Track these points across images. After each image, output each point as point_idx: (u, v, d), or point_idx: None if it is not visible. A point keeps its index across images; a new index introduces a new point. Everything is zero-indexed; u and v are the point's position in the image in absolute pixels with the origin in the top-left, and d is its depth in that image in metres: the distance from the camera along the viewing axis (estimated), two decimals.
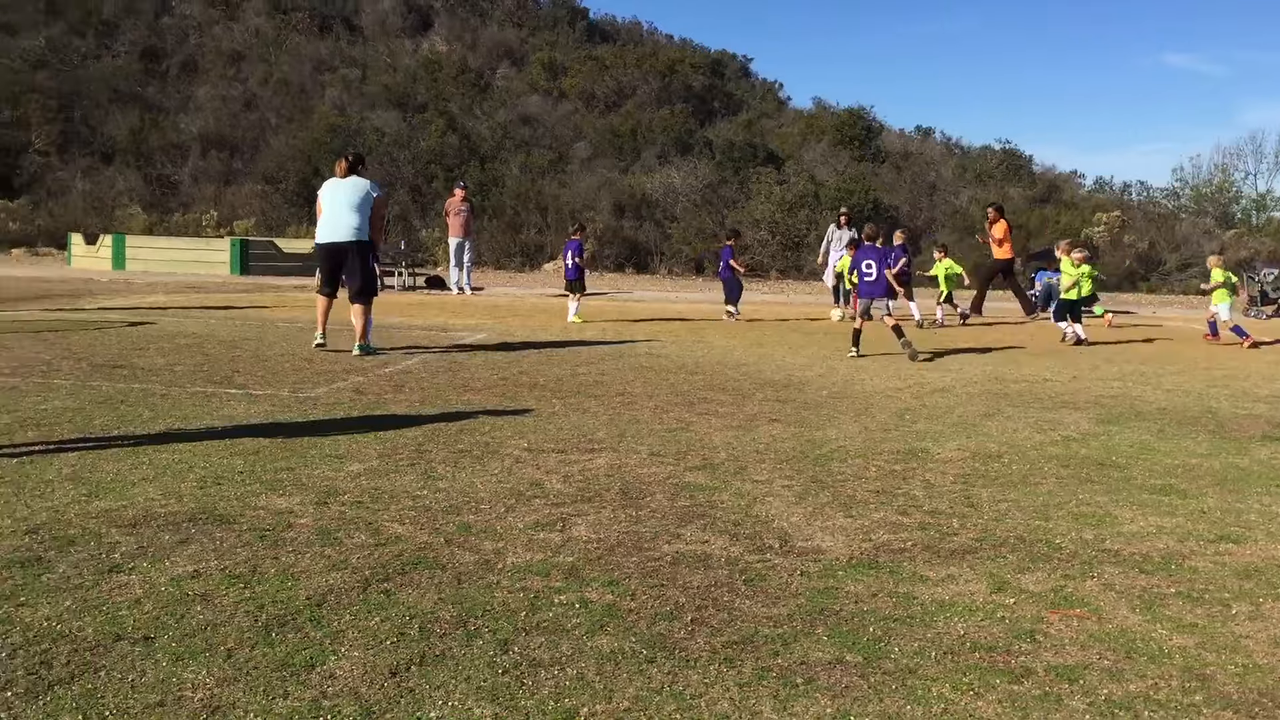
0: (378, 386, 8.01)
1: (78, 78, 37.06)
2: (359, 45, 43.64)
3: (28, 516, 4.20)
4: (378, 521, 4.35)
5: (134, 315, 13.07)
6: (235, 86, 39.44)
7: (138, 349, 9.68)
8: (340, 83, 40.12)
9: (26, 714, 2.56)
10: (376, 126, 36.07)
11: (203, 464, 5.23)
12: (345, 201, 10.22)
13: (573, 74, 42.12)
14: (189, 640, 3.04)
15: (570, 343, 11.64)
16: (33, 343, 9.85)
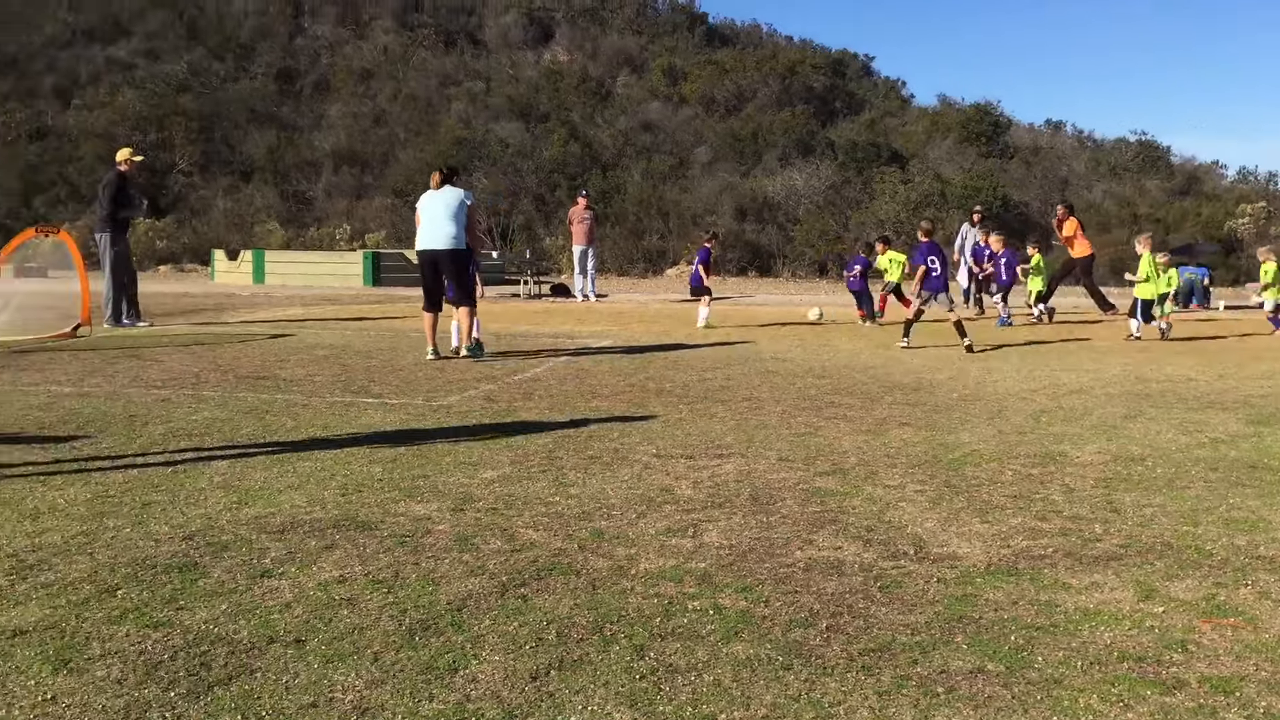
0: (508, 394, 8.15)
1: (217, 100, 38.63)
2: (483, 58, 44.49)
3: (183, 523, 4.40)
4: (512, 528, 4.42)
5: (275, 328, 13.56)
6: (365, 103, 40.60)
7: (279, 360, 10.03)
8: (465, 96, 40.97)
9: (189, 714, 2.69)
10: (500, 137, 36.72)
11: (344, 472, 5.40)
12: (442, 212, 10.46)
13: (692, 79, 42.22)
14: (338, 643, 3.14)
15: (695, 348, 11.66)
16: (182, 356, 10.30)
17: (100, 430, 6.39)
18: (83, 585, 3.62)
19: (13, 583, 3.63)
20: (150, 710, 2.69)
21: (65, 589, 3.58)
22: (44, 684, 2.83)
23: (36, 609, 3.39)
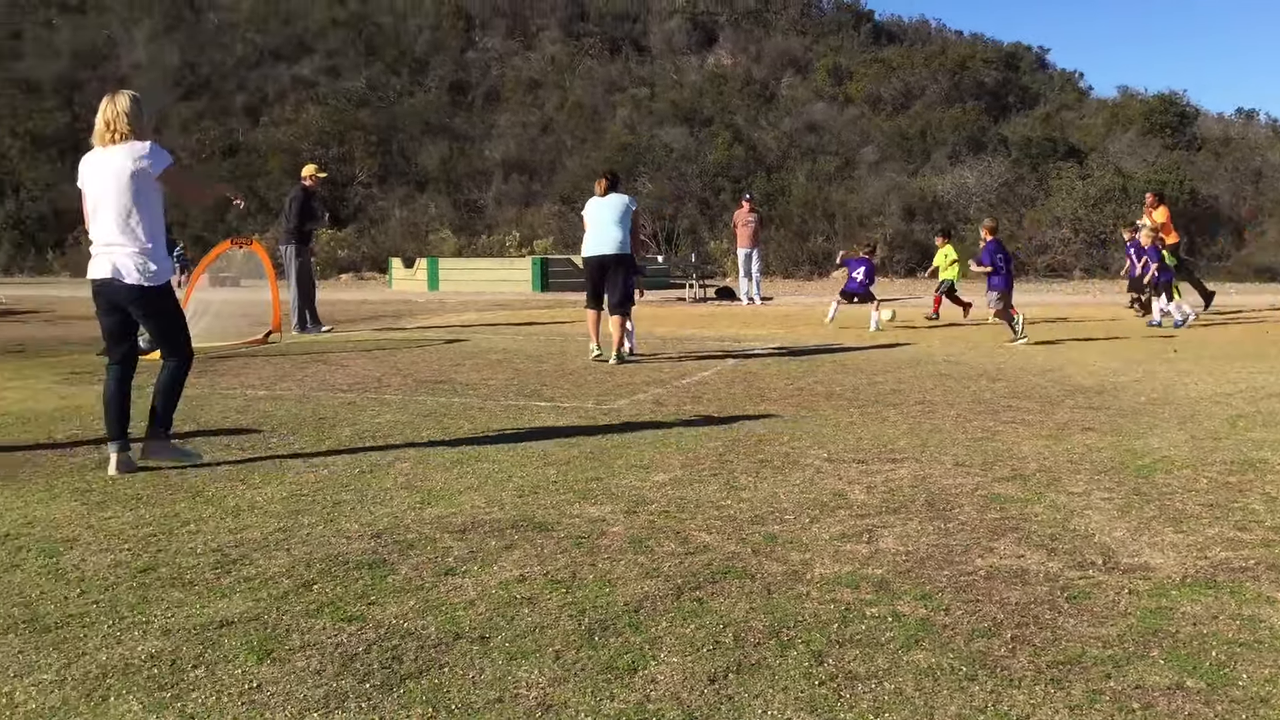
0: (676, 398, 8.19)
1: (394, 113, 40.08)
2: (647, 64, 44.89)
3: (371, 522, 4.58)
4: (685, 530, 4.45)
5: (450, 333, 13.98)
6: (533, 112, 41.49)
7: (455, 365, 10.34)
8: (630, 102, 41.42)
9: (384, 705, 2.80)
10: (665, 142, 36.98)
11: (520, 474, 5.52)
12: (609, 217, 10.60)
13: (858, 78, 41.65)
14: (520, 641, 3.22)
15: (864, 351, 11.50)
16: (365, 361, 10.73)
17: (292, 432, 6.71)
18: (281, 579, 3.80)
19: (218, 576, 3.85)
20: (348, 700, 2.82)
21: (266, 583, 3.77)
22: (250, 673, 2.99)
23: (240, 601, 3.58)
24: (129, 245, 5.51)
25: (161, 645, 3.18)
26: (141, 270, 5.52)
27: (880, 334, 13.49)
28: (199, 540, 4.29)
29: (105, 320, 5.68)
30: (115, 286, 5.52)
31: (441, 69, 43.87)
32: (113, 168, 5.49)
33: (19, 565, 3.96)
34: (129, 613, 3.46)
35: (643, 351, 11.33)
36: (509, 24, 46.80)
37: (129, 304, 5.57)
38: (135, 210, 5.50)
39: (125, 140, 5.50)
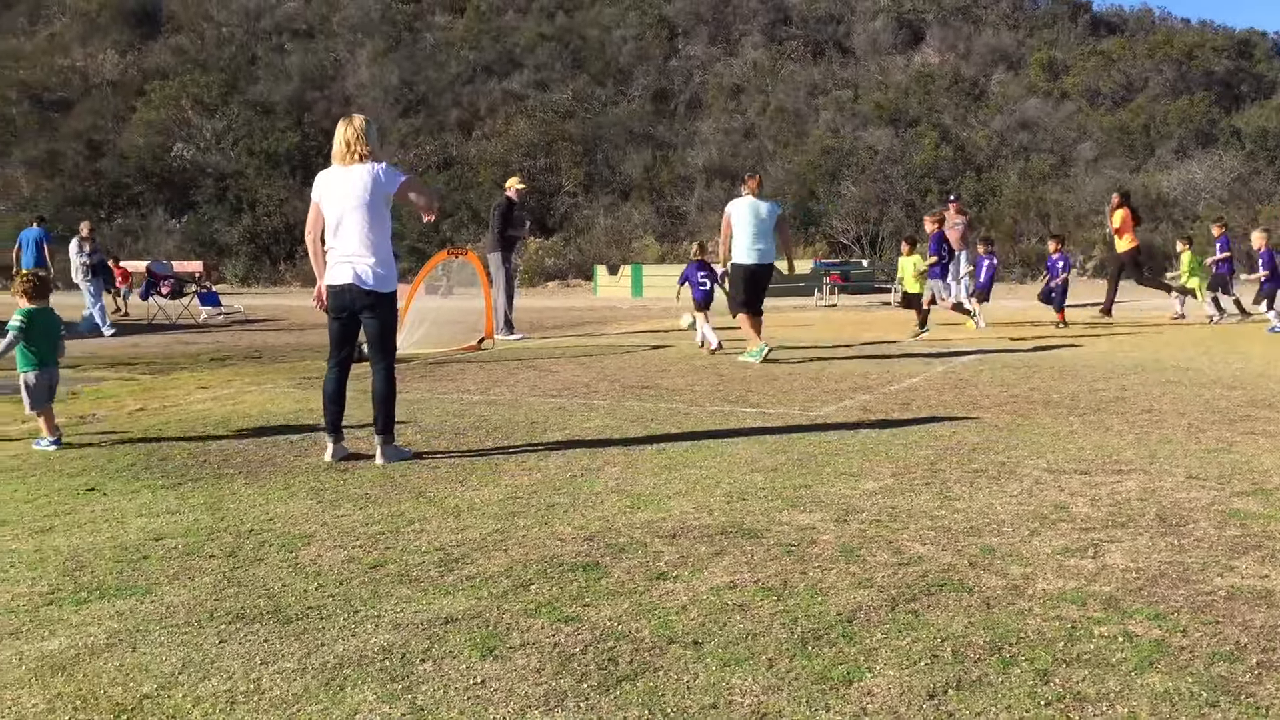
0: (884, 404, 8.04)
1: (598, 123, 40.87)
2: (850, 66, 44.29)
3: (584, 525, 4.68)
4: (898, 541, 4.36)
5: (654, 339, 14.14)
6: (735, 118, 41.54)
7: (661, 370, 10.46)
8: (833, 105, 40.95)
9: (601, 705, 2.85)
10: (869, 144, 36.40)
11: (728, 480, 5.54)
12: (770, 225, 10.63)
13: (1075, 72, 39.95)
14: (733, 647, 3.23)
15: (1083, 355, 11.01)
16: (573, 366, 10.97)
17: (506, 436, 6.93)
18: (501, 579, 3.93)
19: (442, 574, 4.01)
20: (566, 699, 2.88)
21: (486, 582, 3.90)
22: (474, 668, 3.10)
23: (463, 599, 3.72)
24: (368, 256, 6.03)
25: (392, 639, 3.34)
26: (378, 278, 6.04)
27: (1098, 337, 12.88)
28: (423, 539, 4.48)
29: (335, 324, 6.23)
30: (355, 291, 6.03)
31: (645, 78, 44.46)
32: (355, 185, 5.97)
33: (262, 559, 4.23)
34: (362, 606, 3.65)
35: (847, 354, 11.18)
36: (711, 31, 47.02)
37: (363, 307, 6.06)
38: (374, 224, 6.03)
39: (365, 160, 5.94)
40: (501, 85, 44.71)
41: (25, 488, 5.57)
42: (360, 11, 48.66)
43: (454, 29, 48.41)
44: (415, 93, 44.35)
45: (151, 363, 11.75)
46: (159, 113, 42.20)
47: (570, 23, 48.41)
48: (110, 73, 45.62)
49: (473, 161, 39.93)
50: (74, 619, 3.56)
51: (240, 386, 9.56)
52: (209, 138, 41.33)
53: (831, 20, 47.61)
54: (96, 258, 16.26)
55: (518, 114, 41.83)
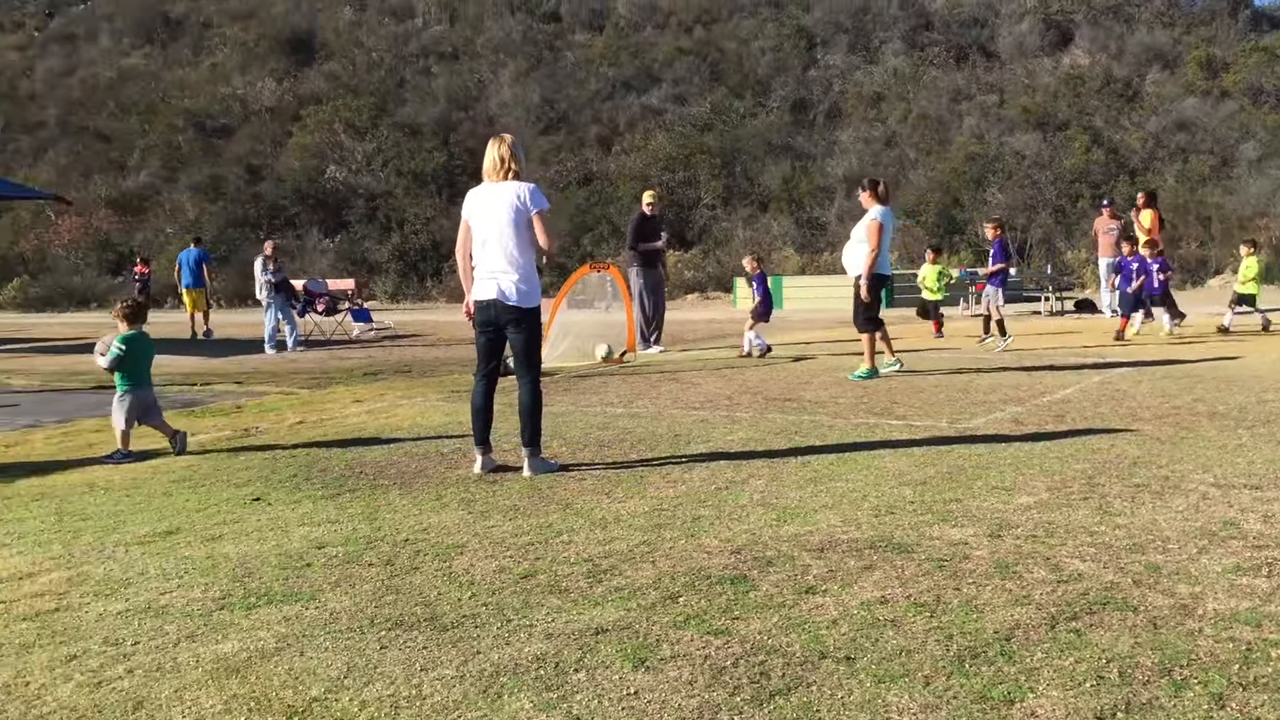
0: (1037, 417, 7.82)
1: (737, 135, 40.82)
2: (995, 70, 43.24)
3: (730, 538, 4.67)
4: (1056, 557, 4.23)
5: (795, 350, 14.03)
6: (875, 127, 40.98)
7: (803, 383, 10.37)
8: (977, 110, 40.04)
9: (755, 719, 2.84)
10: (1015, 150, 35.47)
11: (875, 493, 5.46)
12: (856, 236, 10.42)
13: (1235, 69, 38.19)
14: (887, 664, 3.18)
15: (1248, 365, 10.49)
16: (715, 379, 10.97)
17: (650, 448, 6.97)
18: (649, 590, 3.96)
19: (591, 585, 4.05)
20: (720, 713, 2.88)
21: (635, 593, 3.93)
22: (627, 679, 3.13)
23: (613, 610, 3.75)
24: (512, 272, 6.17)
25: (545, 648, 3.39)
26: (521, 294, 6.18)
27: (1270, 344, 12.26)
28: (571, 550, 4.54)
29: (481, 338, 6.39)
30: (499, 306, 6.18)
31: (783, 89, 44.23)
32: (503, 203, 6.13)
33: (418, 568, 4.35)
34: (514, 616, 3.72)
35: (995, 366, 10.89)
36: (850, 39, 46.51)
37: (508, 322, 6.20)
38: (519, 242, 6.16)
39: (515, 178, 6.09)
40: (640, 100, 45.07)
41: (196, 497, 5.85)
42: (503, 33, 49.73)
43: (593, 46, 49.05)
44: (556, 110, 45.07)
45: (309, 377, 12.21)
46: (313, 137, 43.86)
47: (708, 36, 48.52)
48: (268, 100, 47.63)
49: (612, 176, 40.34)
50: (245, 623, 3.72)
51: (392, 400, 9.85)
52: (360, 159, 42.75)
53: (975, 24, 46.57)
54: (279, 276, 16.93)
55: (656, 128, 42.10)
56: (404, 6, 54.18)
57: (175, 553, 4.67)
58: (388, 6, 54.17)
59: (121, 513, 5.51)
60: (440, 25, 52.65)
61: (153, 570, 4.41)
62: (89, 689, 3.18)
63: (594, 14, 51.74)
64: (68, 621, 3.80)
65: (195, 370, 13.43)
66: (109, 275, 38.92)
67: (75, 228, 40.20)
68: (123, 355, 7.27)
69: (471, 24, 51.73)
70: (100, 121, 47.74)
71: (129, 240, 40.02)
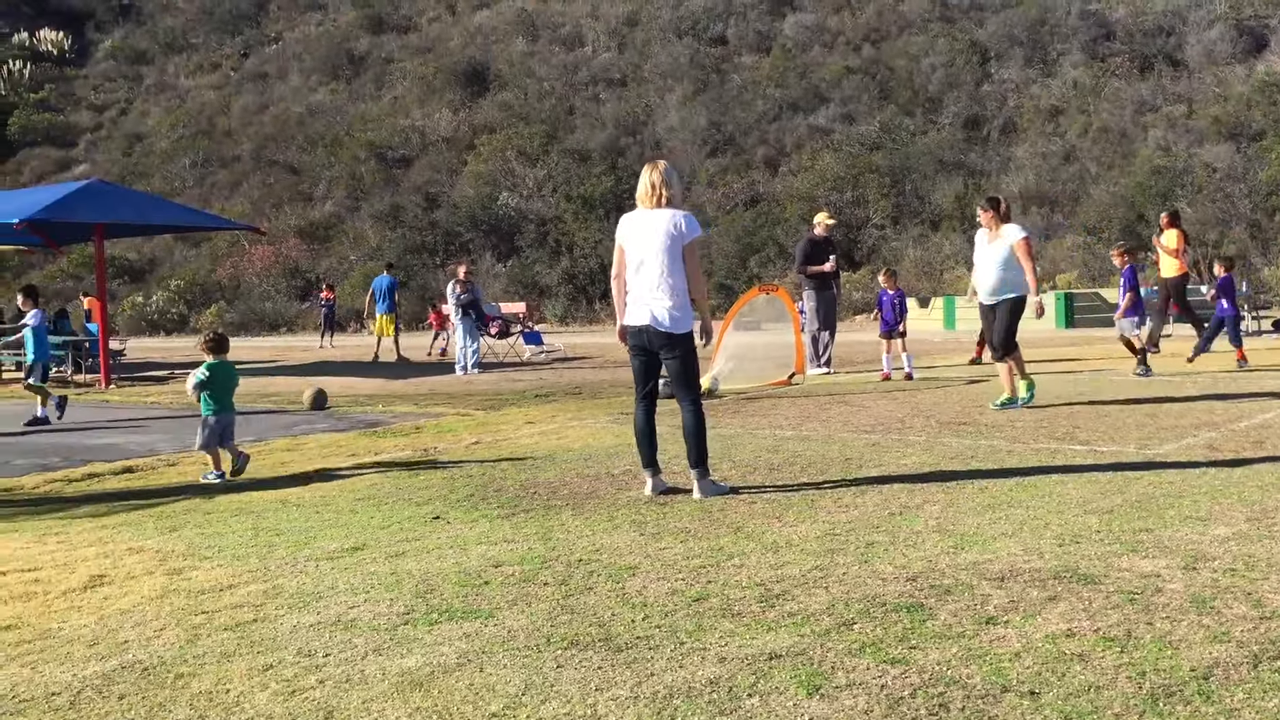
0: (1234, 442, 7.41)
1: (907, 154, 40.14)
2: (1183, 79, 41.35)
3: (905, 564, 4.58)
4: (1258, 592, 3.99)
5: (970, 373, 13.67)
6: (1054, 141, 39.70)
7: (978, 406, 10.10)
8: (1163, 121, 38.36)
9: None
10: (1206, 162, 33.80)
11: (1058, 521, 5.26)
12: (995, 257, 9.81)
13: None
14: (1074, 700, 3.06)
15: None
16: (886, 401, 10.79)
17: (820, 472, 6.90)
18: (823, 617, 3.91)
19: (764, 609, 4.03)
20: None
21: (808, 619, 3.89)
22: (800, 706, 3.10)
23: (786, 635, 3.72)
24: (666, 297, 6.20)
25: (718, 671, 3.39)
26: (673, 319, 6.21)
27: None
28: (743, 574, 4.53)
29: (636, 361, 6.46)
30: (651, 332, 6.24)
31: (955, 105, 43.30)
32: (658, 229, 6.19)
33: (591, 588, 4.41)
34: (687, 638, 3.72)
35: (1187, 390, 10.37)
36: (1027, 52, 45.21)
37: (660, 347, 6.25)
38: (672, 267, 6.20)
39: (669, 205, 6.15)
40: (807, 121, 44.82)
41: (380, 515, 6.08)
42: (670, 58, 50.24)
43: (760, 68, 49.06)
44: (723, 133, 45.23)
45: (484, 399, 12.54)
46: (486, 165, 45.21)
47: (877, 54, 47.95)
48: (444, 130, 49.31)
49: (779, 197, 40.20)
50: (427, 638, 3.84)
51: (563, 421, 10.03)
52: (531, 186, 43.82)
53: (1160, 33, 44.65)
54: (467, 298, 17.45)
55: (824, 148, 41.79)
56: (574, 36, 55.37)
57: (362, 568, 4.86)
58: (559, 36, 55.45)
59: (312, 529, 5.77)
60: (609, 52, 53.57)
61: (342, 584, 4.60)
62: (283, 698, 3.33)
63: (760, 36, 51.78)
64: (264, 632, 3.99)
65: (376, 392, 13.97)
66: (297, 300, 40.93)
67: (267, 256, 42.39)
68: (205, 380, 7.65)
69: (640, 50, 52.46)
70: (290, 155, 50.32)
71: (315, 267, 42.00)
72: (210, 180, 50.27)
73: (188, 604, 4.41)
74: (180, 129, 54.50)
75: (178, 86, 60.95)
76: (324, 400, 12.04)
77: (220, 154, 52.04)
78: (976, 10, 48.81)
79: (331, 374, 17.01)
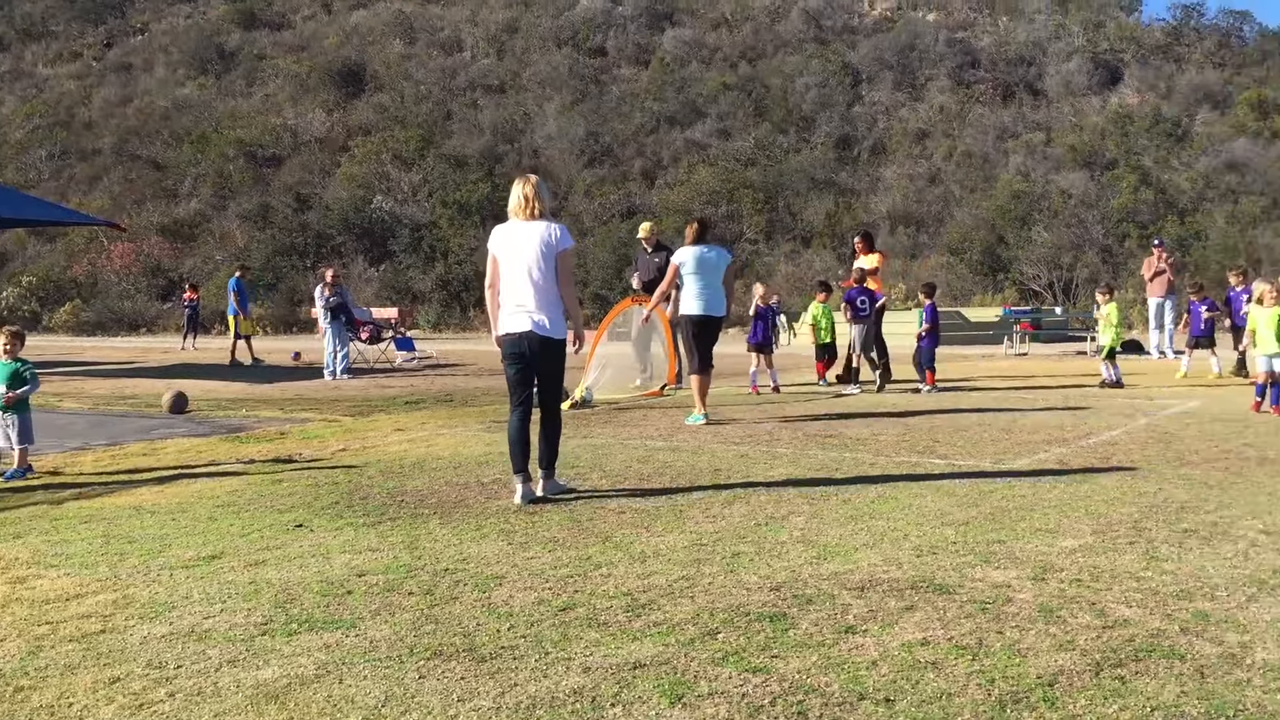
0: (1082, 458, 7.73)
1: (780, 170, 40.93)
2: (1042, 108, 43.13)
3: (770, 574, 4.65)
4: (1101, 602, 4.17)
5: (838, 388, 13.97)
6: (920, 164, 40.95)
7: (843, 419, 10.32)
8: (1023, 148, 39.92)
9: None
10: (1062, 188, 35.28)
11: (916, 533, 5.41)
12: (717, 274, 10.14)
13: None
14: (926, 707, 3.14)
15: None
16: (756, 414, 10.93)
17: (690, 482, 6.96)
18: (687, 626, 3.94)
19: (629, 619, 4.04)
20: None
21: (673, 629, 3.92)
22: (663, 715, 3.11)
23: (650, 645, 3.74)
24: (543, 305, 6.39)
25: (582, 681, 3.38)
26: (552, 325, 6.40)
27: None
28: (610, 584, 4.54)
29: (512, 370, 6.57)
30: (532, 338, 6.38)
31: (828, 125, 44.33)
32: (533, 240, 6.34)
33: (457, 598, 4.36)
34: (552, 648, 3.71)
35: (1040, 405, 10.78)
36: (896, 76, 46.59)
37: (537, 352, 6.41)
38: (548, 277, 6.40)
39: (542, 217, 6.27)
40: (684, 135, 45.32)
41: (240, 522, 5.90)
42: (549, 67, 50.24)
43: (638, 81, 49.44)
44: (600, 144, 45.40)
45: (352, 405, 12.31)
46: (361, 167, 44.47)
47: (753, 72, 48.77)
48: (318, 130, 48.36)
49: (656, 210, 40.49)
50: (285, 649, 3.74)
51: (434, 429, 9.91)
52: (406, 190, 43.26)
53: (1022, 62, 46.50)
54: (335, 301, 17.05)
55: (700, 162, 42.30)
56: (453, 40, 54.94)
57: (219, 577, 4.72)
58: (437, 40, 54.95)
59: (167, 536, 5.57)
60: (488, 59, 53.30)
61: (196, 594, 4.45)
62: (130, 711, 3.21)
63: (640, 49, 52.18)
64: (112, 643, 3.84)
65: (240, 396, 13.59)
66: (159, 301, 39.56)
67: (127, 254, 40.91)
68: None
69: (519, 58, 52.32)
70: (154, 150, 48.69)
71: (179, 266, 40.68)
72: (68, 173, 48.30)
73: (30, 614, 4.21)
74: (36, 119, 52.26)
75: (35, 75, 58.48)
76: (184, 403, 11.66)
77: (79, 146, 50.05)
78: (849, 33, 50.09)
79: (193, 377, 16.48)
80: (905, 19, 51.57)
